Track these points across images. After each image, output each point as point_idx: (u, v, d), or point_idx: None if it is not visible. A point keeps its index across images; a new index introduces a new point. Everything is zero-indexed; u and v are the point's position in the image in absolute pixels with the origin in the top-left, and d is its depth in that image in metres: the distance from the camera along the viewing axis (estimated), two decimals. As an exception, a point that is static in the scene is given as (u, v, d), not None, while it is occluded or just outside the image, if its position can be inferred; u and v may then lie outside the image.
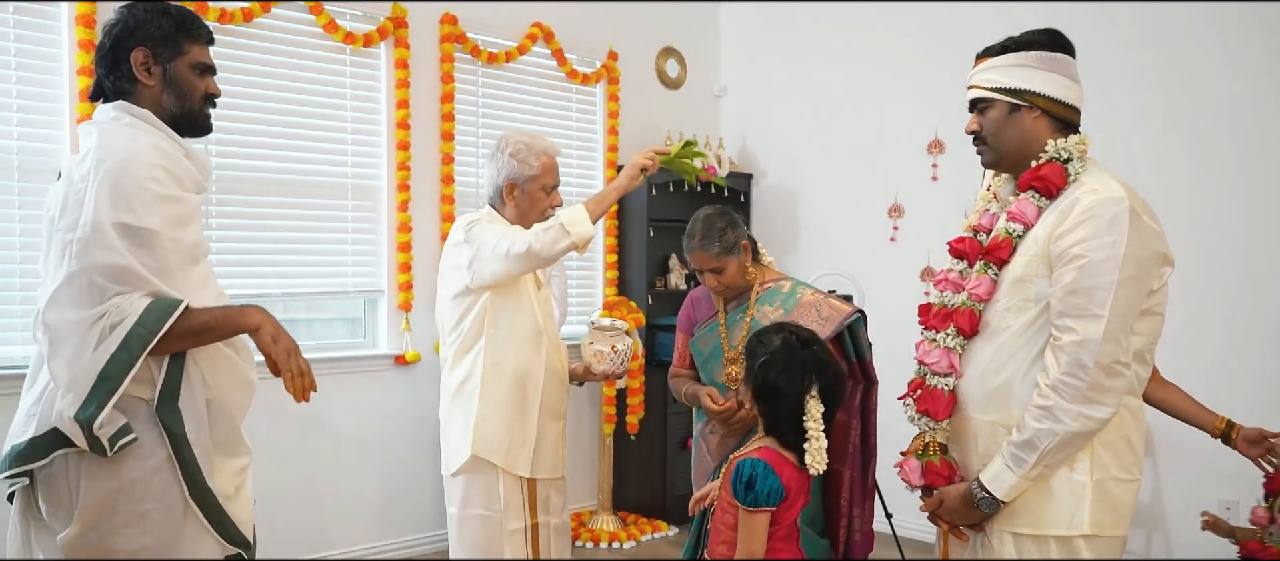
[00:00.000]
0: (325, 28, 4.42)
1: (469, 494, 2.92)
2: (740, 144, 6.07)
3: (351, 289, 4.67)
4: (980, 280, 2.09)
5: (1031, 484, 2.00)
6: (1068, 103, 2.08)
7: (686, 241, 3.00)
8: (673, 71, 5.96)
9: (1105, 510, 2.00)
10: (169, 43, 2.07)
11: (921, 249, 5.12)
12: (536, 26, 5.20)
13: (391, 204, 4.70)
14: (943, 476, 2.14)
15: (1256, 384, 4.11)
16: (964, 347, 2.12)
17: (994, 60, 2.12)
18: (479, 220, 2.92)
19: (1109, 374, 1.92)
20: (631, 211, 5.57)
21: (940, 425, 2.14)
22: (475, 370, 2.91)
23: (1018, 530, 2.04)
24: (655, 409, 5.37)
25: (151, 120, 2.05)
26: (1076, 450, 1.97)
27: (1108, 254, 1.92)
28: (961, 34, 4.59)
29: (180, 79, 2.09)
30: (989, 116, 2.13)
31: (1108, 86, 4.37)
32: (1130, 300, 1.94)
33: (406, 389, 4.76)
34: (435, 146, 4.85)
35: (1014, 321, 2.04)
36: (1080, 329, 1.92)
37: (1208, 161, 4.22)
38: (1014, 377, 2.03)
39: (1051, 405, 1.94)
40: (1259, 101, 4.09)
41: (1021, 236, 2.06)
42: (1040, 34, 2.11)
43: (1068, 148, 2.05)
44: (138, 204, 1.91)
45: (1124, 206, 1.93)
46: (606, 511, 5.24)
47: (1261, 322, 4.11)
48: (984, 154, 2.18)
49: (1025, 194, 2.07)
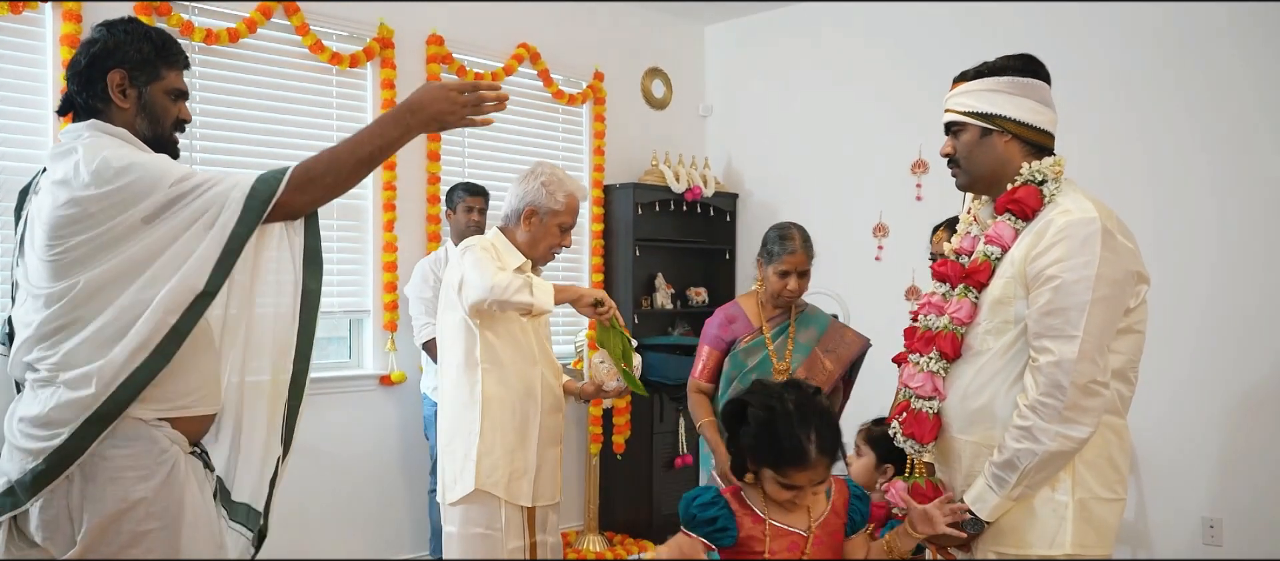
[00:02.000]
0: (311, 48, 4.43)
1: (469, 516, 2.92)
2: (725, 164, 6.10)
3: (337, 309, 4.66)
4: (960, 303, 2.11)
5: (1014, 504, 2.00)
6: (1038, 127, 2.10)
7: (781, 243, 3.21)
8: (658, 92, 5.99)
9: (1088, 530, 2.00)
10: (147, 67, 2.06)
11: (906, 268, 5.15)
12: (523, 47, 5.22)
13: (377, 224, 4.70)
14: (928, 498, 2.15)
15: (1224, 392, 4.17)
16: (947, 370, 2.13)
17: (967, 85, 2.14)
18: (473, 246, 2.92)
19: (1086, 393, 1.93)
20: (618, 230, 5.58)
21: (926, 447, 2.16)
22: (474, 398, 2.91)
23: (1002, 550, 2.04)
24: (642, 429, 5.36)
25: (127, 138, 2.04)
26: (1057, 469, 1.98)
27: (1081, 274, 1.93)
28: (945, 55, 4.63)
29: (154, 104, 2.08)
30: (962, 140, 2.15)
31: (1080, 99, 4.42)
32: (1106, 319, 1.95)
33: (392, 409, 4.74)
34: (421, 167, 4.85)
35: (994, 343, 2.06)
36: (1057, 349, 1.93)
37: (1171, 170, 4.27)
38: (995, 398, 2.05)
39: (1031, 425, 1.95)
40: (1219, 107, 4.15)
41: (1000, 259, 2.08)
42: (1013, 59, 2.13)
43: (1042, 170, 2.07)
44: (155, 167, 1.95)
45: (1096, 227, 1.95)
46: (593, 532, 5.22)
47: (1230, 331, 4.17)
48: (958, 176, 2.21)
49: (1002, 217, 2.10)
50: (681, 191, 5.58)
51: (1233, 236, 4.16)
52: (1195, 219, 4.25)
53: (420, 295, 4.39)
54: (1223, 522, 4.18)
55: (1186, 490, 4.28)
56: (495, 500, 2.89)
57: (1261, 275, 4.07)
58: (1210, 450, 4.21)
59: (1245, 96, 4.11)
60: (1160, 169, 4.33)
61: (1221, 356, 4.18)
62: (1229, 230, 4.17)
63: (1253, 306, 4.09)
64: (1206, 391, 4.21)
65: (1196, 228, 4.25)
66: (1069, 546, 1.98)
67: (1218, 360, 4.19)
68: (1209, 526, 4.22)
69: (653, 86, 5.96)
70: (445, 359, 2.99)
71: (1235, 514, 4.16)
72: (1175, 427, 4.28)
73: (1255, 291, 4.09)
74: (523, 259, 2.95)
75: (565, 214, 3.01)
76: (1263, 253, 4.08)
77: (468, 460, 2.89)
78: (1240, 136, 4.13)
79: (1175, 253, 4.22)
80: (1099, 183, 2.33)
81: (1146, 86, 4.38)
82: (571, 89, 5.52)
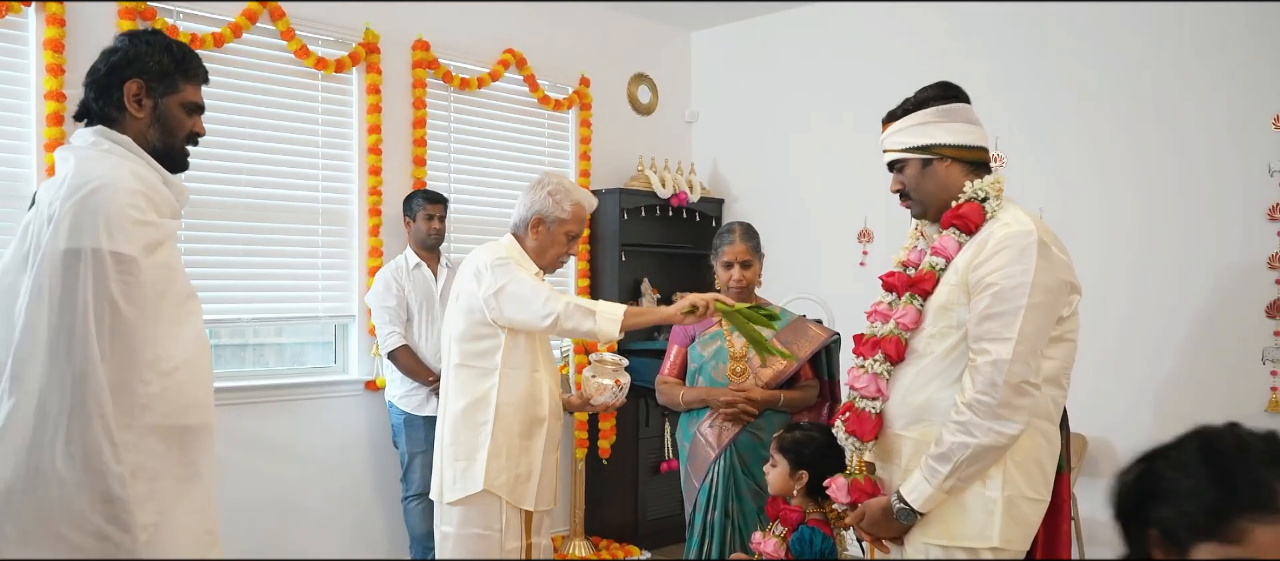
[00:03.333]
0: (297, 53, 4.43)
1: (469, 516, 2.95)
2: (711, 169, 6.12)
3: (322, 314, 4.65)
4: (907, 310, 2.24)
5: (947, 496, 2.12)
6: (972, 145, 2.25)
7: (724, 236, 3.39)
8: (644, 98, 6.01)
9: (1014, 526, 2.12)
10: (165, 79, 2.07)
11: (891, 273, 5.17)
12: (509, 52, 5.23)
13: (362, 229, 4.69)
14: (866, 493, 2.29)
15: (1132, 394, 4.25)
16: (891, 372, 2.27)
17: (897, 124, 2.30)
18: (508, 259, 2.93)
19: (1018, 392, 2.05)
20: (604, 237, 5.59)
21: (865, 445, 2.29)
22: (488, 402, 2.93)
23: (930, 541, 2.17)
24: (627, 433, 5.37)
25: (130, 146, 2.04)
26: (989, 464, 2.09)
27: (1018, 281, 2.07)
28: (931, 61, 4.67)
29: (169, 116, 2.09)
30: (907, 174, 2.30)
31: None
32: (1039, 324, 2.08)
33: (377, 414, 4.73)
34: (407, 172, 4.85)
35: (937, 346, 2.19)
36: (993, 350, 2.06)
37: (1130, 177, 4.32)
38: (936, 395, 2.18)
39: (966, 420, 2.07)
40: (1180, 110, 4.19)
41: (944, 269, 2.22)
42: (932, 89, 2.29)
43: (984, 188, 2.21)
44: (117, 230, 1.89)
45: (1033, 239, 2.09)
46: (579, 536, 5.22)
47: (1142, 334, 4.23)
48: (911, 208, 2.35)
49: (947, 231, 2.24)
50: (667, 197, 5.60)
51: (1191, 243, 4.21)
52: (1152, 227, 4.31)
53: (384, 304, 4.38)
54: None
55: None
56: (497, 501, 2.93)
57: (1241, 280, 4.10)
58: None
59: (1217, 96, 4.15)
60: (1119, 176, 4.38)
61: (1202, 360, 4.21)
62: (1187, 237, 4.22)
63: (1230, 311, 4.13)
64: (1186, 395, 4.25)
65: (1154, 235, 4.31)
66: (997, 540, 2.10)
67: (1198, 364, 4.22)
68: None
69: (639, 92, 5.98)
70: (453, 360, 3.00)
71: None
72: (1156, 431, 4.31)
73: (1233, 296, 4.12)
74: (536, 269, 3.01)
75: (572, 223, 3.05)
76: (1221, 259, 4.12)
77: (474, 461, 2.92)
78: (1205, 140, 4.17)
79: (1133, 261, 4.31)
80: (1054, 189, 2.38)
81: (1133, 87, 4.42)
82: (558, 94, 5.53)
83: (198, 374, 2.07)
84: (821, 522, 2.76)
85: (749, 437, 3.25)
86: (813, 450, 2.78)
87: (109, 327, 1.88)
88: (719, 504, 3.24)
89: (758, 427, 3.26)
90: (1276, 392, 4.02)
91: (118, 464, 1.87)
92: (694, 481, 3.34)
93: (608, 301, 2.93)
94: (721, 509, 3.23)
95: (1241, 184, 4.10)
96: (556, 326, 2.82)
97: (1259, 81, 4.06)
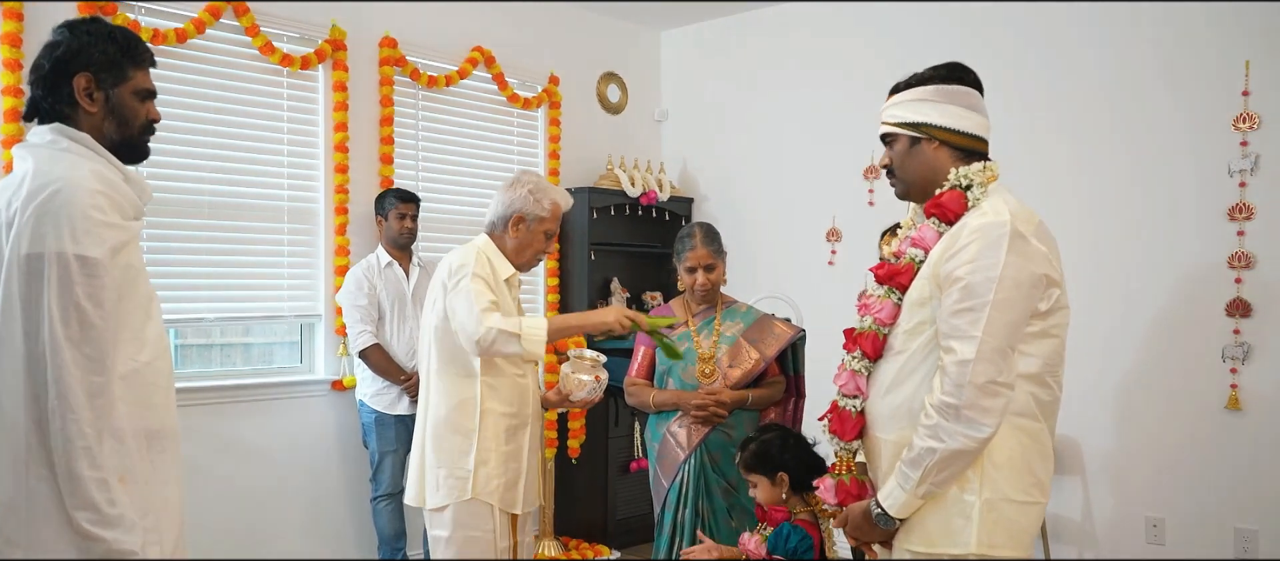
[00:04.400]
0: (262, 50, 4.37)
1: (461, 519, 2.93)
2: (681, 168, 6.12)
3: (288, 313, 4.60)
4: (883, 304, 2.15)
5: (923, 501, 2.04)
6: (965, 132, 2.13)
7: (685, 241, 3.37)
8: (614, 97, 6.00)
9: (997, 530, 2.01)
10: (113, 68, 2.01)
11: (858, 273, 5.15)
12: (477, 50, 5.20)
13: (329, 227, 4.65)
14: (852, 495, 2.21)
15: (1094, 392, 4.29)
16: (870, 369, 2.18)
17: (898, 96, 2.19)
18: (468, 268, 2.89)
19: (986, 394, 1.95)
20: (573, 236, 5.57)
21: (848, 445, 2.21)
22: (473, 407, 2.92)
23: (914, 547, 2.08)
24: (597, 433, 5.36)
25: (90, 144, 1.98)
26: (962, 468, 2.00)
27: (986, 276, 1.96)
28: (898, 61, 4.68)
29: (123, 106, 2.03)
30: (895, 150, 2.20)
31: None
32: (1008, 321, 1.97)
33: (344, 414, 4.69)
34: (374, 170, 4.81)
35: (913, 343, 2.10)
36: (960, 349, 1.96)
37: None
38: (913, 397, 2.08)
39: (934, 424, 1.98)
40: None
41: (923, 261, 2.12)
42: (941, 68, 2.17)
43: (969, 175, 2.11)
44: (81, 233, 1.85)
45: (1006, 230, 1.98)
46: (548, 536, 5.21)
47: (1170, 334, 4.26)
48: (895, 186, 2.25)
49: (927, 221, 2.14)
50: (637, 195, 5.59)
51: (1152, 242, 4.27)
52: (1114, 226, 4.37)
53: (355, 303, 4.35)
54: (1165, 522, 4.28)
55: (1131, 490, 4.37)
56: (487, 507, 2.92)
57: (1201, 280, 4.17)
58: (1153, 451, 4.30)
59: (1178, 97, 4.21)
60: (1080, 176, 4.44)
61: (1164, 359, 4.27)
62: (1148, 236, 4.28)
63: (1191, 310, 4.19)
64: (1149, 393, 4.31)
65: (1115, 234, 4.36)
66: (974, 545, 2.00)
67: (1161, 362, 4.28)
68: (1152, 525, 4.31)
69: (608, 91, 5.97)
70: (433, 363, 2.97)
71: (1177, 512, 4.26)
72: (1120, 429, 4.38)
73: (1194, 295, 4.19)
74: (511, 270, 3.00)
75: (550, 221, 3.06)
76: (1182, 258, 4.19)
77: (459, 468, 2.91)
78: (1165, 141, 4.23)
79: (1094, 260, 4.36)
80: (1016, 189, 2.37)
81: (1094, 88, 4.47)
82: (527, 93, 5.51)
83: (161, 376, 2.04)
84: (807, 522, 2.78)
85: (719, 436, 3.28)
86: (776, 450, 2.82)
87: (78, 333, 1.85)
88: (689, 502, 3.26)
89: (727, 426, 3.29)
90: (1236, 389, 4.09)
91: (95, 469, 1.85)
92: (663, 481, 3.35)
93: (534, 316, 2.91)
94: (691, 507, 3.25)
95: (1202, 184, 4.16)
96: (485, 352, 2.81)
97: (1218, 82, 4.12)
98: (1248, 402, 4.07)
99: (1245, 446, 4.08)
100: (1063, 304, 2.07)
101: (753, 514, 3.11)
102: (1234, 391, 4.09)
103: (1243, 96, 4.06)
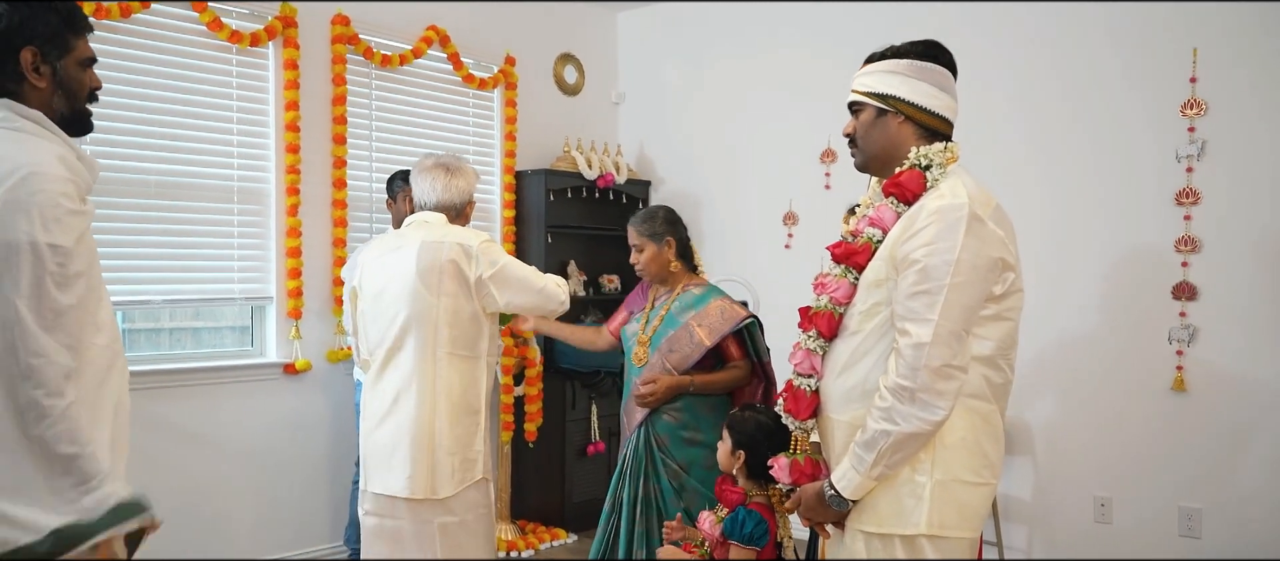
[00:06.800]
0: (209, 26, 4.27)
1: (470, 499, 3.06)
2: (638, 151, 6.10)
3: (238, 296, 4.52)
4: (839, 284, 2.15)
5: (876, 483, 2.04)
6: (931, 111, 2.12)
7: (628, 227, 3.47)
8: (571, 78, 5.95)
9: (949, 510, 2.03)
10: (57, 40, 1.96)
11: (814, 256, 5.21)
12: (432, 29, 5.13)
13: (280, 208, 4.56)
14: (806, 475, 2.21)
15: (1041, 373, 4.38)
16: (825, 349, 2.18)
17: (871, 65, 2.17)
18: (493, 246, 3.06)
19: (940, 377, 1.95)
20: (530, 217, 5.53)
21: (803, 424, 2.21)
22: (479, 390, 3.05)
23: (866, 528, 2.08)
24: (554, 416, 5.34)
25: (42, 122, 1.95)
26: (915, 450, 2.01)
27: (943, 259, 1.96)
28: (855, 46, 4.69)
29: (69, 78, 2.00)
30: (860, 119, 2.19)
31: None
32: (964, 304, 1.97)
33: (296, 398, 4.62)
34: (326, 150, 4.73)
35: (868, 324, 2.09)
36: (915, 332, 1.96)
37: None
38: (867, 378, 2.08)
39: (888, 406, 1.98)
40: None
41: (880, 241, 2.11)
42: (918, 44, 2.16)
43: (929, 155, 2.09)
44: (51, 222, 1.84)
45: (963, 213, 1.97)
46: (504, 519, 5.18)
47: (1116, 317, 4.34)
48: (855, 156, 2.23)
49: (886, 200, 2.12)
50: (594, 178, 5.56)
51: (1100, 225, 4.34)
52: (1062, 210, 4.43)
53: None
54: (1112, 501, 4.36)
55: (1079, 470, 4.45)
56: (486, 482, 3.10)
57: (1149, 263, 4.24)
58: (1101, 432, 4.39)
59: (1127, 83, 4.27)
60: (1030, 160, 4.49)
61: (1113, 341, 4.35)
62: (1096, 219, 4.35)
63: (1138, 293, 4.27)
64: (1097, 375, 4.38)
65: (1063, 218, 4.43)
66: (923, 525, 2.01)
67: (1109, 344, 4.36)
68: (1100, 504, 4.39)
69: (565, 72, 5.92)
70: (442, 347, 2.98)
71: (1124, 492, 4.34)
72: (1069, 410, 4.45)
73: (1141, 279, 4.26)
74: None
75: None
76: (1130, 241, 4.26)
77: (470, 451, 3.03)
78: (1114, 126, 4.29)
79: (1043, 243, 4.42)
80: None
81: (1044, 74, 4.52)
82: (482, 73, 5.45)
83: (118, 358, 2.04)
84: (763, 506, 2.77)
85: (667, 420, 3.30)
86: (753, 428, 2.79)
87: (52, 320, 1.84)
88: (628, 481, 3.35)
89: (676, 409, 3.29)
90: (1181, 371, 4.17)
91: (78, 445, 1.85)
92: (625, 430, 3.50)
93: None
94: (630, 485, 3.34)
95: (1151, 169, 4.24)
96: (562, 308, 3.13)
97: (1167, 69, 4.18)
98: (1193, 384, 4.16)
99: (1190, 427, 4.17)
100: (1017, 287, 2.08)
101: (704, 495, 3.14)
102: (1180, 373, 4.18)
103: (1190, 83, 4.13)
